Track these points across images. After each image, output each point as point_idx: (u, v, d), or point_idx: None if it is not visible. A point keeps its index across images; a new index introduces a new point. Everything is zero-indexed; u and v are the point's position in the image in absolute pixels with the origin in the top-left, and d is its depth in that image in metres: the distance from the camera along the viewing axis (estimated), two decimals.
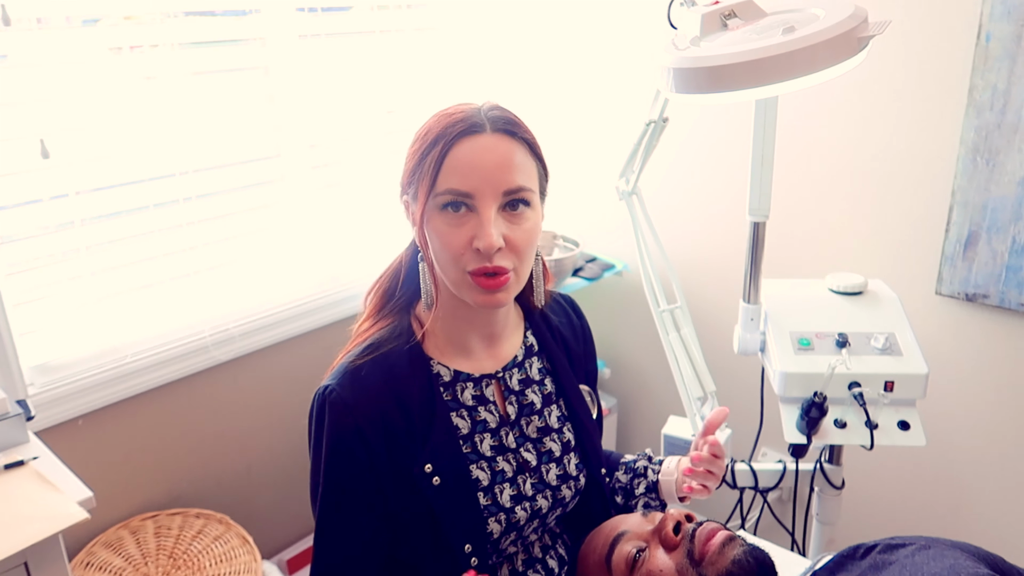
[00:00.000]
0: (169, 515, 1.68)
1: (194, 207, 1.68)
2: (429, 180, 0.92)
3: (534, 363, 1.10)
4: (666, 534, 0.86)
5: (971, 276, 1.57)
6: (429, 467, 0.97)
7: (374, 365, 0.98)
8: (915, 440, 1.33)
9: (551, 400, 1.10)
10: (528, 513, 1.03)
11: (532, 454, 1.06)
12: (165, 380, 1.64)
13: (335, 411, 0.96)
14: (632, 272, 2.14)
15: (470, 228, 0.92)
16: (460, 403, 1.02)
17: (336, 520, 0.99)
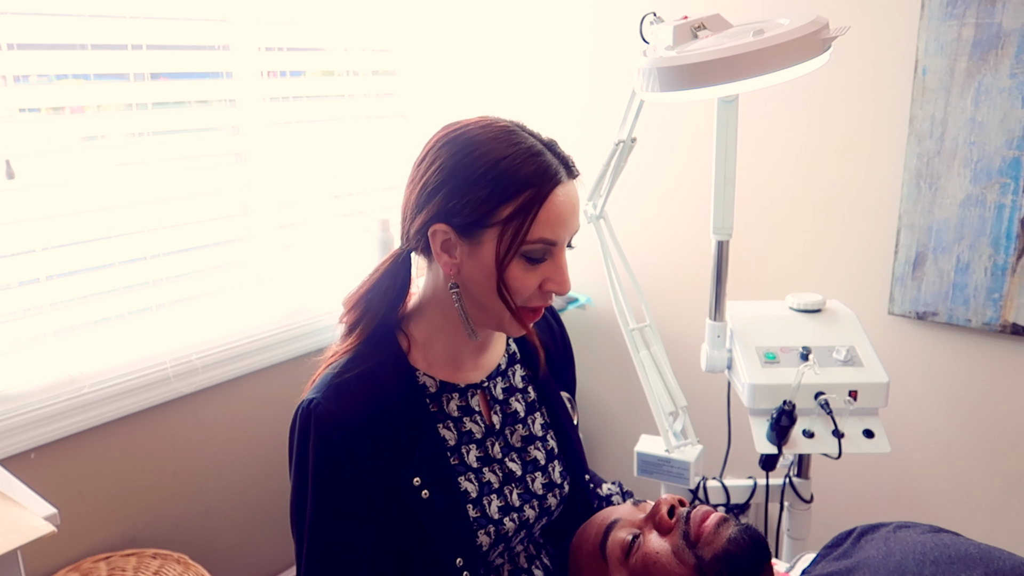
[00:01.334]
0: (123, 556, 1.60)
1: (158, 238, 1.66)
2: (517, 229, 0.89)
3: (517, 371, 1.11)
4: (661, 518, 0.87)
5: (920, 295, 1.65)
6: (417, 480, 0.96)
7: (360, 378, 0.96)
8: (880, 447, 1.37)
9: (534, 408, 1.11)
10: (516, 524, 1.02)
11: (517, 464, 1.06)
12: (124, 412, 1.59)
13: (321, 425, 0.93)
14: (595, 306, 2.18)
15: (543, 271, 0.94)
16: (446, 414, 1.01)
17: (326, 540, 0.96)
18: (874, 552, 0.88)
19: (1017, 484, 1.66)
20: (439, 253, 0.94)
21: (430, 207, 0.92)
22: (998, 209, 1.53)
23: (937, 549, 0.83)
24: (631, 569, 0.85)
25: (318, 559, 0.96)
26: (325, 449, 0.93)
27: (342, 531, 0.95)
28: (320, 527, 0.95)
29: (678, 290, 2.02)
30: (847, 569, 0.88)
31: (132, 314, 1.67)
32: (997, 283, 1.55)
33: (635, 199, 2.05)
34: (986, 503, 1.70)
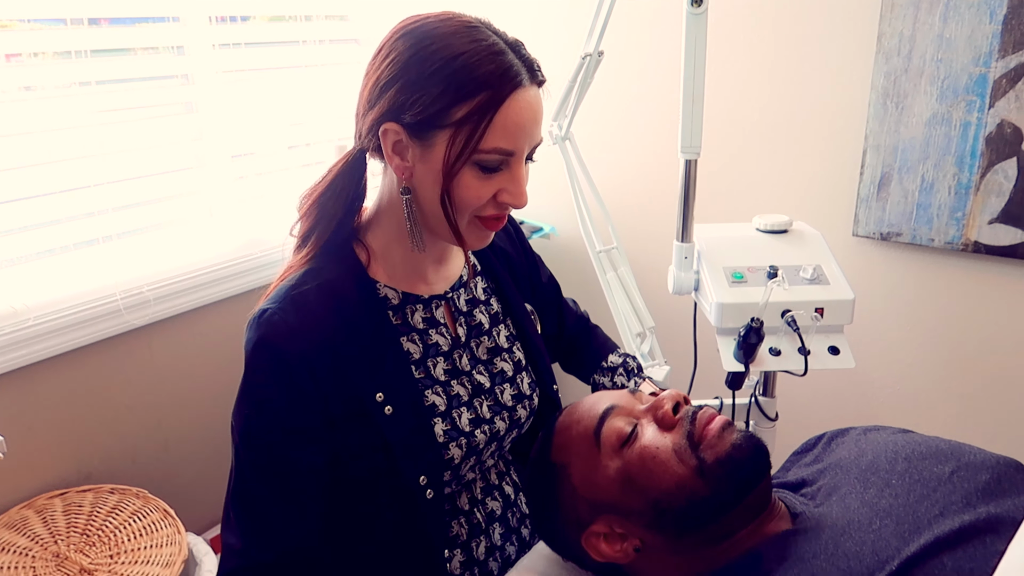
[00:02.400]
0: (79, 492, 1.56)
1: (104, 167, 1.58)
2: (469, 133, 0.84)
3: (479, 282, 1.08)
4: (665, 413, 0.84)
5: (885, 216, 1.65)
6: (380, 396, 0.92)
7: (320, 291, 0.91)
8: (845, 363, 1.38)
9: (498, 320, 1.08)
10: (487, 436, 1.00)
11: (485, 376, 1.03)
12: (72, 345, 1.53)
13: (277, 336, 0.87)
14: (560, 236, 2.15)
15: (498, 181, 0.88)
16: (411, 327, 0.98)
17: (271, 457, 0.90)
18: (845, 454, 0.88)
19: (974, 400, 1.69)
20: (391, 155, 0.89)
21: (381, 104, 0.87)
22: (963, 127, 1.52)
23: (908, 447, 0.84)
24: (625, 460, 0.83)
25: (259, 477, 0.90)
26: (281, 362, 0.88)
27: (292, 448, 0.90)
28: (267, 442, 0.90)
29: (645, 213, 2.00)
30: (820, 472, 0.88)
31: (79, 246, 1.59)
32: (960, 202, 1.56)
33: (601, 119, 2.00)
34: (944, 419, 1.74)
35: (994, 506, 0.73)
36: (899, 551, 0.69)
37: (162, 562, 1.43)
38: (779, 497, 0.87)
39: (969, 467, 0.78)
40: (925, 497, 0.76)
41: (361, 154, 0.94)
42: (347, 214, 0.96)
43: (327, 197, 0.95)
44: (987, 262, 1.59)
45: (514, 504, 1.11)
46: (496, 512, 1.07)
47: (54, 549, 1.43)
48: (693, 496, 0.80)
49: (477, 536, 1.03)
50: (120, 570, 1.41)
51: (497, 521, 1.07)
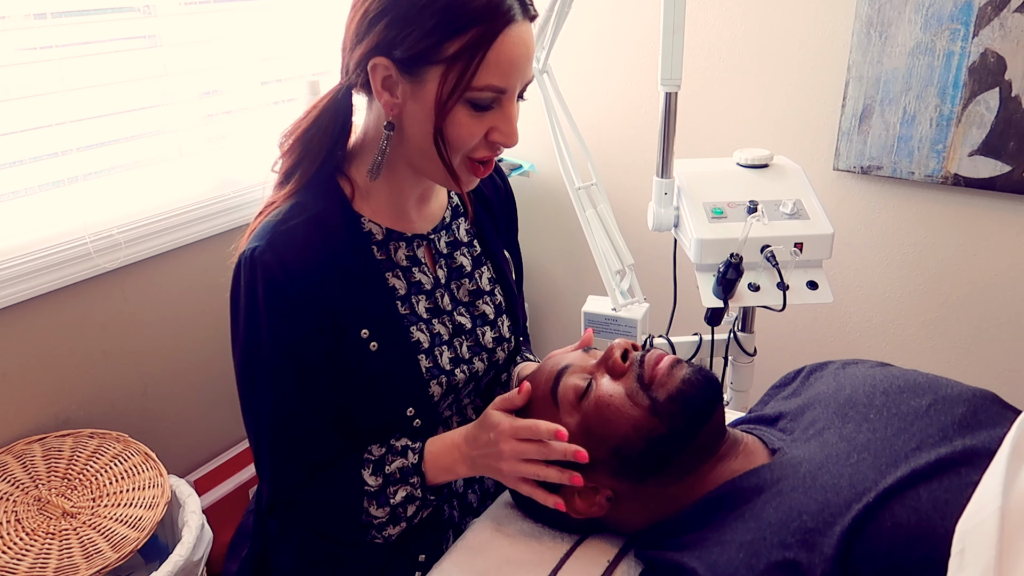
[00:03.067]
0: (58, 437, 1.54)
1: (67, 105, 1.52)
2: (462, 70, 0.82)
3: (461, 224, 1.06)
4: (614, 361, 0.85)
5: (866, 149, 1.63)
6: (366, 332, 0.92)
7: (307, 225, 0.89)
8: (823, 297, 1.38)
9: (480, 262, 1.07)
10: (466, 376, 1.01)
11: (466, 317, 1.03)
12: (42, 290, 1.49)
13: (270, 272, 0.86)
14: (539, 173, 2.12)
15: (490, 119, 0.86)
16: (395, 263, 0.97)
17: (290, 390, 0.90)
18: (824, 388, 0.89)
19: (951, 332, 1.72)
20: (379, 91, 0.86)
21: (370, 38, 0.84)
22: (947, 57, 1.50)
23: (887, 380, 0.84)
24: (583, 412, 0.84)
25: (286, 415, 0.91)
26: (278, 296, 0.87)
27: (307, 385, 0.90)
28: (286, 372, 0.90)
29: (625, 148, 1.97)
30: (799, 407, 0.88)
31: (44, 188, 1.54)
32: (942, 134, 1.55)
33: (580, 51, 1.96)
34: (921, 350, 1.76)
35: (970, 438, 0.74)
36: (876, 483, 0.70)
37: (145, 504, 1.43)
38: (756, 433, 0.88)
39: (946, 400, 0.79)
40: (902, 431, 0.77)
41: (348, 90, 0.91)
42: (332, 151, 0.94)
43: (312, 134, 0.93)
44: (966, 195, 1.59)
45: None
46: None
47: (35, 493, 1.42)
48: (650, 435, 0.81)
49: None
50: (103, 513, 1.41)
51: None
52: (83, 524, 1.39)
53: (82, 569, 1.30)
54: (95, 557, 1.33)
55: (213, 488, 1.84)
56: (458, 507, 1.09)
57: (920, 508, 0.67)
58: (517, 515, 0.97)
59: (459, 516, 1.09)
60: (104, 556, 1.33)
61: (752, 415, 0.95)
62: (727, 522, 0.75)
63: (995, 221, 1.59)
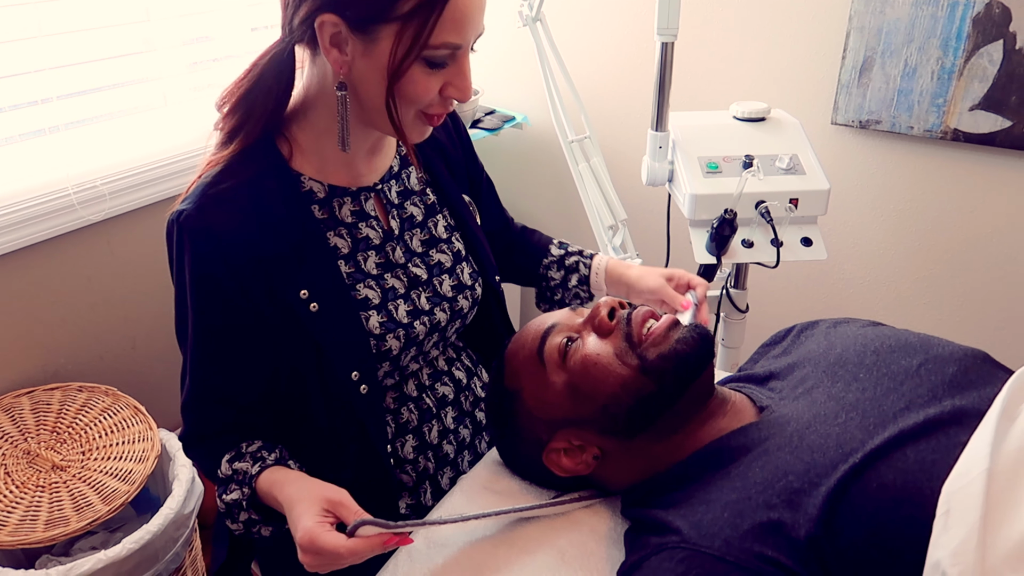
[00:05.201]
0: (46, 390, 1.54)
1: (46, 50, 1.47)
2: (418, 28, 0.79)
3: (412, 172, 1.04)
4: (601, 320, 0.84)
5: (865, 103, 1.60)
6: (305, 293, 0.90)
7: (238, 189, 0.88)
8: (817, 254, 1.37)
9: (435, 210, 1.05)
10: (427, 327, 0.99)
11: (422, 268, 1.01)
12: (26, 242, 1.47)
13: (194, 237, 0.86)
14: (532, 125, 2.08)
15: (444, 75, 0.84)
16: (338, 220, 0.95)
17: (208, 357, 0.92)
18: (814, 347, 0.88)
19: (946, 290, 1.71)
20: (328, 48, 0.83)
21: None
22: (951, 7, 1.46)
23: (878, 340, 0.83)
24: (569, 371, 0.83)
25: (201, 378, 0.92)
26: (200, 263, 0.87)
27: (227, 348, 0.91)
28: (203, 344, 0.91)
29: (619, 100, 1.93)
30: (788, 365, 0.88)
31: (25, 137, 1.51)
32: (943, 88, 1.52)
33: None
34: (916, 308, 1.75)
35: (959, 398, 0.73)
36: (863, 443, 0.69)
37: (135, 458, 1.43)
38: (745, 391, 0.87)
39: (936, 360, 0.78)
40: (892, 390, 0.76)
41: (290, 47, 0.88)
42: (275, 110, 0.91)
43: (255, 94, 0.89)
44: (965, 150, 1.57)
45: (467, 388, 1.11)
46: (448, 397, 1.08)
47: (24, 447, 1.42)
48: (639, 393, 0.80)
49: (428, 421, 1.04)
50: (93, 466, 1.41)
51: (450, 405, 1.08)
52: (73, 477, 1.39)
53: (73, 522, 1.31)
54: (86, 510, 1.33)
55: None
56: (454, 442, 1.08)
57: (907, 469, 0.66)
58: (506, 472, 0.97)
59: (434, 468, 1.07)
60: (95, 509, 1.33)
61: (742, 373, 0.94)
62: (713, 481, 0.75)
63: (993, 177, 1.57)
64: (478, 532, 0.88)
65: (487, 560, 0.84)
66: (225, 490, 0.92)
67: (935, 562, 0.58)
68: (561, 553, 0.85)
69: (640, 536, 0.77)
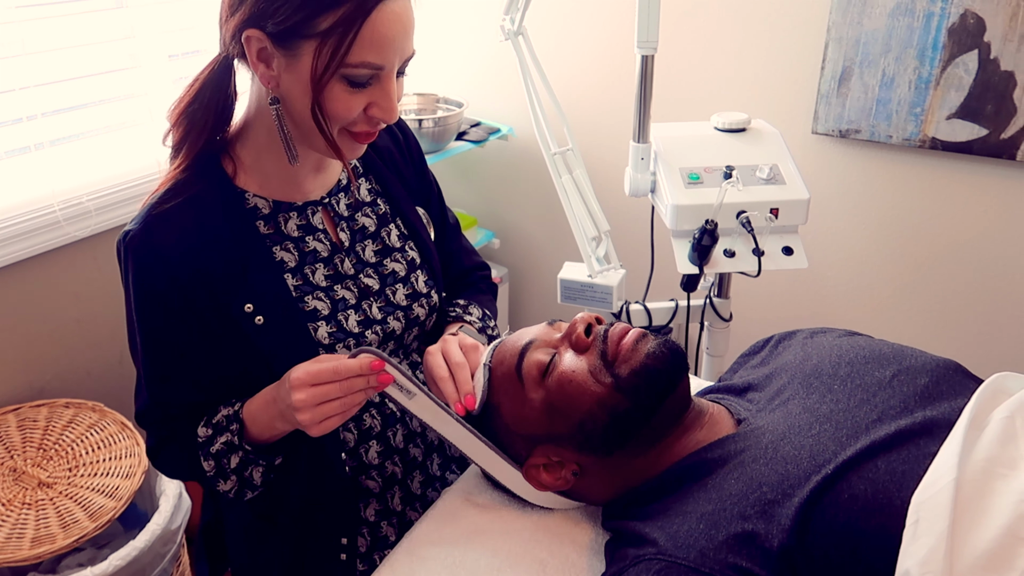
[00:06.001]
0: (33, 407, 1.54)
1: (29, 68, 1.48)
2: (335, 46, 0.80)
3: (362, 184, 1.05)
4: (577, 336, 0.85)
5: (844, 112, 1.62)
6: (250, 307, 0.92)
7: (181, 208, 0.90)
8: (798, 263, 1.38)
9: (387, 220, 1.06)
10: (379, 336, 1.00)
11: (374, 279, 1.02)
12: (12, 259, 1.47)
13: (138, 257, 0.88)
14: (517, 137, 2.09)
15: (368, 95, 0.85)
16: (284, 235, 0.96)
17: (160, 375, 0.94)
18: (791, 358, 0.89)
19: (924, 297, 1.73)
20: (255, 63, 0.85)
21: (243, 8, 0.82)
22: (927, 18, 1.48)
23: (852, 351, 0.85)
24: (547, 389, 0.84)
25: (156, 392, 0.94)
26: (144, 281, 0.89)
27: (175, 360, 0.93)
28: (153, 360, 0.93)
29: (601, 112, 1.95)
30: (766, 376, 0.89)
31: (11, 154, 1.51)
32: (920, 97, 1.54)
33: (555, 12, 1.92)
34: (896, 315, 1.77)
35: (930, 409, 0.75)
36: (836, 455, 0.70)
37: (122, 474, 1.43)
38: (724, 403, 0.88)
39: (909, 371, 0.80)
40: (865, 402, 0.77)
41: (227, 61, 0.90)
42: (217, 124, 0.93)
43: (195, 107, 0.91)
44: (943, 159, 1.59)
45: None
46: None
47: (10, 464, 1.42)
48: (615, 411, 0.81)
49: (392, 425, 1.05)
50: (80, 483, 1.41)
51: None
52: (59, 494, 1.39)
53: (59, 538, 1.31)
54: (72, 527, 1.33)
55: None
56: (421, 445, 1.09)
57: (877, 479, 0.67)
58: (487, 485, 0.98)
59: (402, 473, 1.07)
60: (81, 525, 1.33)
61: (721, 384, 0.95)
62: (690, 492, 0.75)
63: (971, 185, 1.59)
64: (459, 544, 0.89)
65: (469, 573, 0.85)
66: (210, 443, 0.94)
67: (904, 571, 0.59)
68: (542, 564, 0.85)
69: (619, 548, 0.78)
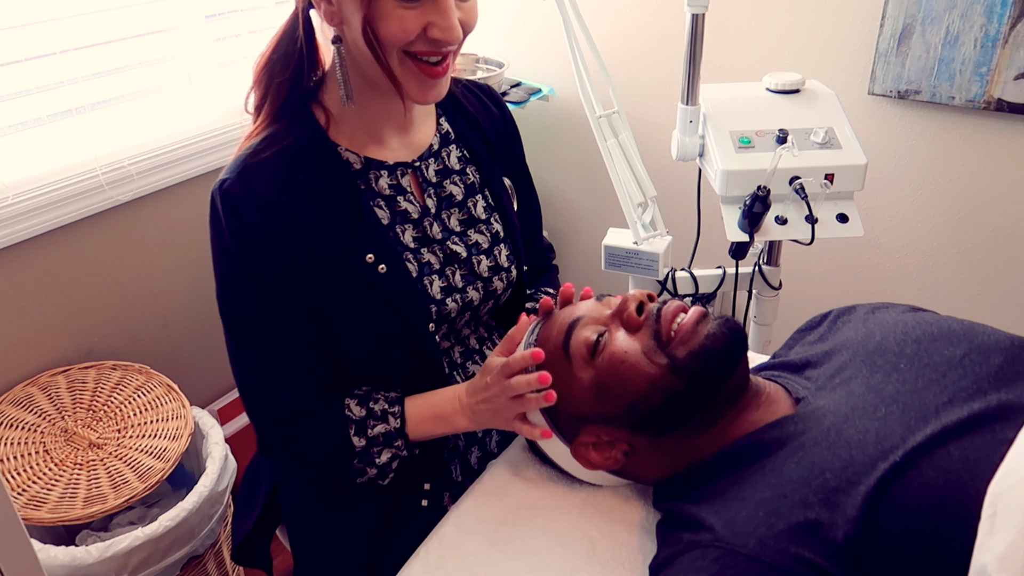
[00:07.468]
0: (82, 369, 1.56)
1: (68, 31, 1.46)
2: None
3: (452, 152, 1.03)
4: (629, 315, 0.82)
5: (904, 72, 1.55)
6: (371, 257, 0.91)
7: (278, 157, 0.89)
8: (853, 231, 1.34)
9: (475, 190, 1.04)
10: (459, 305, 0.99)
11: (460, 246, 1.01)
12: (56, 224, 1.48)
13: (235, 205, 0.87)
14: (559, 97, 2.04)
15: (424, 14, 0.82)
16: (376, 192, 0.95)
17: (260, 327, 0.92)
18: (852, 334, 0.86)
19: (986, 266, 1.66)
20: (318, 1, 0.84)
21: None
22: None
23: (919, 327, 0.80)
24: (597, 369, 0.81)
25: (254, 352, 0.93)
26: (244, 229, 0.87)
27: (282, 321, 0.91)
28: (250, 317, 0.91)
29: (648, 73, 1.89)
30: (825, 353, 0.85)
31: (53, 118, 1.51)
32: (986, 56, 1.46)
33: None
34: (953, 289, 1.71)
35: (1005, 392, 0.70)
36: (904, 440, 0.67)
37: (169, 435, 1.45)
38: (780, 381, 0.85)
39: (981, 349, 0.75)
40: (934, 383, 0.73)
41: (306, 10, 0.89)
42: (296, 75, 0.92)
43: (275, 61, 0.91)
44: (1009, 121, 1.51)
45: None
46: None
47: (62, 425, 1.45)
48: (669, 392, 0.78)
49: None
50: (128, 444, 1.43)
51: None
52: (109, 455, 1.41)
53: (110, 499, 1.33)
54: (122, 487, 1.35)
55: (236, 417, 1.87)
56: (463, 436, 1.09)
57: (950, 468, 0.64)
58: (535, 459, 0.97)
59: (464, 445, 1.08)
60: (131, 486, 1.36)
61: (776, 360, 0.91)
62: (747, 476, 0.73)
63: None
64: (507, 521, 0.88)
65: (517, 550, 0.84)
66: (367, 427, 0.94)
67: (980, 567, 0.56)
68: (592, 543, 0.84)
69: (672, 530, 0.76)
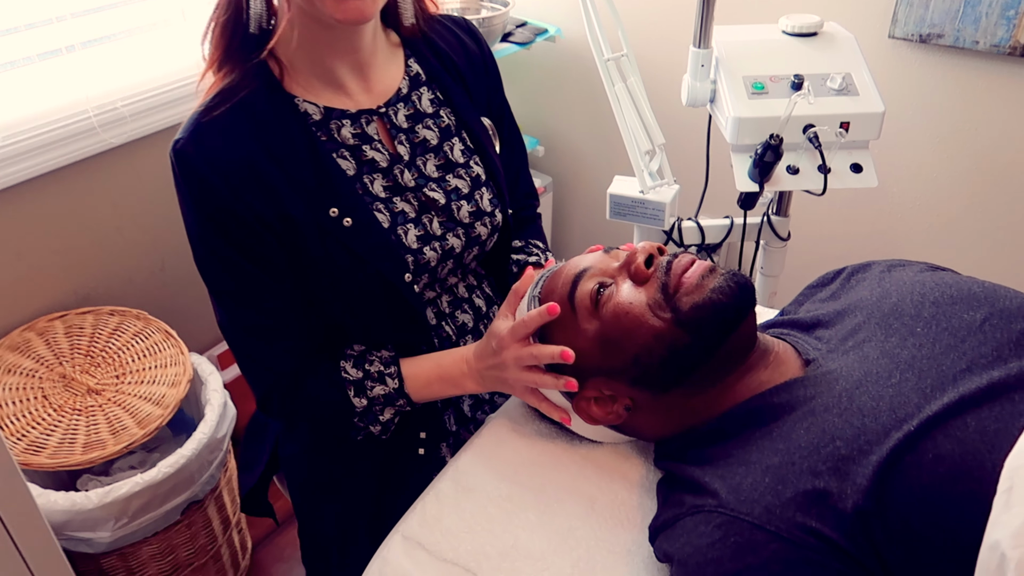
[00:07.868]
0: (79, 314, 1.55)
1: None
2: None
3: (423, 94, 0.98)
4: (637, 267, 0.79)
5: (927, 15, 1.48)
6: (335, 211, 0.88)
7: (232, 113, 0.85)
8: (867, 182, 1.29)
9: (451, 133, 1.00)
10: (438, 253, 0.96)
11: (439, 192, 0.97)
12: (49, 167, 1.45)
13: (190, 166, 0.84)
14: (566, 38, 1.97)
15: None
16: (339, 143, 0.91)
17: (242, 286, 0.90)
18: (867, 293, 0.82)
19: (1008, 223, 1.61)
20: None
21: None
22: None
23: (937, 289, 0.77)
24: (601, 320, 0.79)
25: (232, 303, 0.91)
26: (202, 190, 0.85)
27: (258, 272, 0.89)
28: (232, 273, 0.89)
29: (659, 15, 1.82)
30: (838, 312, 0.82)
31: (43, 57, 1.46)
32: None
33: None
34: (974, 243, 1.67)
35: None
36: (919, 408, 0.64)
37: (168, 382, 1.44)
38: (790, 339, 0.82)
39: (1003, 314, 0.72)
40: (952, 348, 0.70)
41: None
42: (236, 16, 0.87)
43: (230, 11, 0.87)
44: None
45: (486, 316, 1.10)
46: (468, 325, 1.07)
47: (60, 370, 1.44)
48: (673, 345, 0.75)
49: (448, 348, 1.02)
50: (127, 390, 1.43)
51: (469, 333, 1.07)
52: (108, 401, 1.40)
53: (109, 445, 1.33)
54: (121, 433, 1.35)
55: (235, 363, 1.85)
56: None
57: (966, 439, 0.61)
58: (533, 414, 0.95)
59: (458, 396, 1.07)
60: (130, 432, 1.35)
61: (786, 317, 0.88)
62: (753, 439, 0.71)
63: None
64: (506, 477, 0.87)
65: (515, 507, 0.83)
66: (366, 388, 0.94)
67: (993, 543, 0.54)
68: (591, 501, 0.83)
69: (674, 492, 0.74)
